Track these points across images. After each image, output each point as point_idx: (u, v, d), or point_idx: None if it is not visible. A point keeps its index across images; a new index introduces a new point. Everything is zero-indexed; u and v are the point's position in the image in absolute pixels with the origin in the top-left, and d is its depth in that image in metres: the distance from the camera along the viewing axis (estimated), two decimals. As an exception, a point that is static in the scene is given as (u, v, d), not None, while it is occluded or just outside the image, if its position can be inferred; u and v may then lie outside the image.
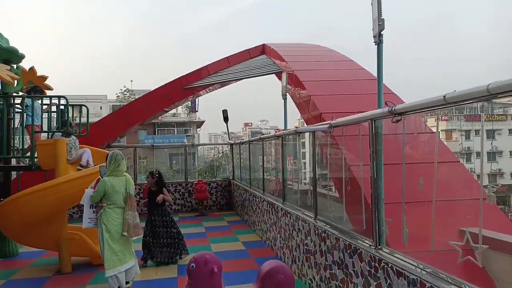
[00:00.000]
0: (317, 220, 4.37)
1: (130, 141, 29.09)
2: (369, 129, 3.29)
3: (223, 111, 11.18)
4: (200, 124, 42.61)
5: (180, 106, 33.54)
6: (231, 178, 11.46)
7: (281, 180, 6.31)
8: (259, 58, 11.75)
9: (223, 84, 12.10)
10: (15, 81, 6.33)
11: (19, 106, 6.55)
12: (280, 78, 10.42)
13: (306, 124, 7.46)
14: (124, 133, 11.29)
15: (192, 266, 2.98)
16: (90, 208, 4.65)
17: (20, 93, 6.65)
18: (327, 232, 3.92)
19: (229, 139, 12.74)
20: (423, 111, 2.73)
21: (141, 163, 13.15)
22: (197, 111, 40.86)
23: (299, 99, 7.83)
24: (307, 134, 5.64)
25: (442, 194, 3.08)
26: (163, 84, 11.04)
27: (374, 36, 3.62)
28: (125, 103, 36.59)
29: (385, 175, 3.28)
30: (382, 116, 3.11)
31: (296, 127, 5.52)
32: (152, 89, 11.42)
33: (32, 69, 6.81)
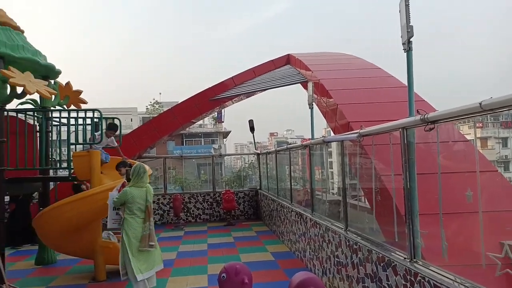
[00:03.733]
0: (347, 232, 4.30)
1: (159, 151, 29.68)
2: (400, 138, 3.24)
3: (249, 121, 11.27)
4: (226, 134, 43.05)
5: (207, 117, 34.05)
6: (258, 188, 11.47)
7: (309, 190, 6.27)
8: (284, 68, 11.80)
9: (248, 95, 12.21)
10: (53, 96, 6.65)
11: (56, 119, 6.87)
12: (305, 87, 10.41)
13: (333, 133, 7.40)
14: (154, 144, 11.56)
15: (223, 276, 3.00)
16: (114, 209, 4.93)
17: (57, 107, 6.98)
18: (358, 244, 3.85)
19: (256, 149, 12.80)
20: (457, 119, 2.66)
21: (170, 173, 13.41)
22: (223, 122, 41.33)
23: (325, 108, 7.79)
24: (334, 143, 5.61)
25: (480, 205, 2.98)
26: (190, 96, 11.27)
27: (403, 44, 3.58)
28: (154, 115, 37.54)
29: (418, 185, 3.20)
30: (414, 124, 3.05)
31: (324, 136, 5.50)
32: (180, 101, 11.71)
33: (68, 84, 7.13)
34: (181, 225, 10.12)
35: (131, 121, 41.32)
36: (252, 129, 11.21)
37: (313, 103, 6.12)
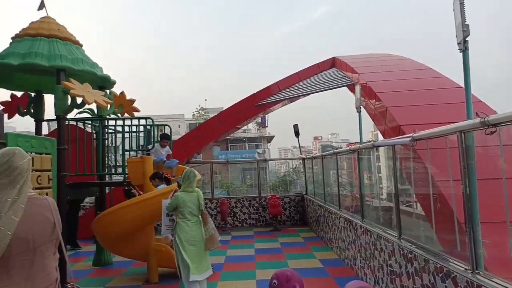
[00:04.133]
0: (401, 240, 4.13)
1: (205, 157, 30.41)
2: (458, 142, 3.07)
3: (294, 125, 11.23)
4: (270, 139, 43.18)
5: (251, 122, 34.41)
6: (304, 193, 11.37)
7: (358, 196, 6.11)
8: (329, 71, 11.65)
9: (292, 99, 12.18)
10: (108, 105, 7.05)
11: (112, 127, 7.26)
12: (352, 90, 10.21)
13: (383, 136, 7.16)
14: (201, 149, 11.86)
15: (274, 283, 2.98)
16: (167, 216, 5.12)
17: (112, 116, 7.38)
18: (413, 252, 3.69)
19: (301, 154, 12.71)
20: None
21: (215, 178, 13.67)
22: (266, 126, 41.53)
23: (374, 111, 7.57)
24: (382, 147, 5.42)
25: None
26: (236, 102, 11.44)
27: (458, 43, 3.41)
28: (200, 121, 38.54)
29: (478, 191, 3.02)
30: (473, 127, 2.89)
31: (373, 140, 5.34)
32: (225, 107, 11.94)
33: (122, 93, 7.53)
34: (228, 230, 10.25)
35: (179, 127, 42.70)
36: (297, 133, 11.16)
37: (361, 106, 5.98)
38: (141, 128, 7.34)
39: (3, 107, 7.01)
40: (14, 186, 1.91)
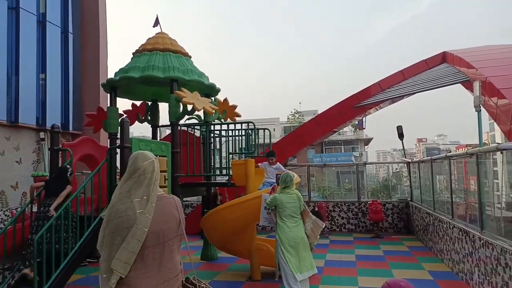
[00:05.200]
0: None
1: (300, 159, 30.46)
2: None
3: (397, 127, 10.58)
4: (367, 141, 41.38)
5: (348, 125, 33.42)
6: (409, 199, 10.63)
7: (475, 204, 5.49)
8: (438, 67, 10.69)
9: (394, 100, 11.49)
10: (214, 111, 7.54)
11: (217, 132, 7.76)
12: (467, 87, 9.24)
13: (507, 137, 6.31)
14: (298, 153, 11.93)
15: (385, 292, 2.85)
16: (265, 209, 5.40)
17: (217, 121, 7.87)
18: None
19: (405, 157, 11.91)
20: None
21: (311, 181, 13.60)
22: (364, 128, 39.85)
23: (495, 110, 6.73)
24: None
25: None
26: (334, 104, 11.24)
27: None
28: (295, 125, 38.80)
29: None
30: None
31: (495, 142, 4.74)
32: (320, 110, 11.83)
33: (225, 100, 7.97)
34: (326, 234, 10.11)
35: (274, 130, 43.63)
36: (401, 135, 10.49)
37: (480, 104, 5.36)
38: (243, 132, 7.69)
39: (126, 115, 7.97)
40: (140, 186, 2.15)
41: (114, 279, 2.01)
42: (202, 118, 8.29)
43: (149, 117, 8.37)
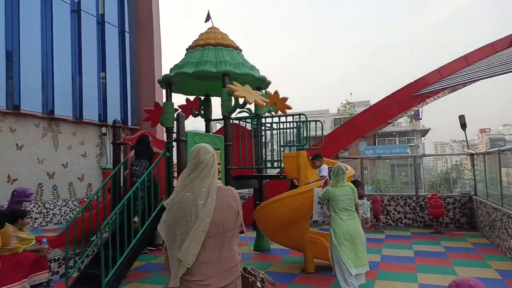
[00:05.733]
0: None
1: (351, 152, 29.67)
2: None
3: (460, 117, 9.91)
4: (424, 132, 39.27)
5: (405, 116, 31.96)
6: (472, 193, 9.96)
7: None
8: (506, 51, 9.83)
9: (454, 88, 10.74)
10: (265, 104, 7.55)
11: (268, 125, 7.77)
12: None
13: None
14: (351, 144, 11.61)
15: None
16: (318, 204, 5.36)
17: (267, 114, 7.87)
18: None
19: (468, 148, 11.15)
20: None
21: (365, 174, 13.19)
22: (420, 119, 37.87)
23: None
24: None
25: None
26: (390, 93, 10.75)
27: None
28: (346, 116, 37.84)
29: None
30: None
31: None
32: (371, 100, 11.37)
33: (276, 92, 7.94)
34: (381, 228, 9.79)
35: (324, 122, 42.82)
36: (463, 125, 9.82)
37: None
38: (294, 124, 7.63)
39: (181, 109, 8.23)
40: (203, 178, 2.21)
41: (182, 270, 2.08)
42: (253, 111, 8.33)
43: (202, 111, 8.59)
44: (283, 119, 7.51)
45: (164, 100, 7.78)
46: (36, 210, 11.13)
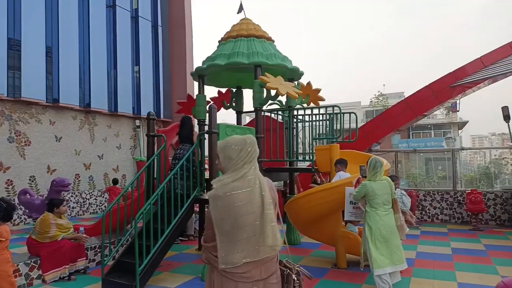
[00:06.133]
0: None
1: (384, 145, 28.94)
2: None
3: (503, 108, 9.37)
4: (462, 125, 37.65)
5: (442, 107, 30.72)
6: (515, 189, 9.45)
7: None
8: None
9: (496, 78, 10.12)
10: (297, 96, 7.43)
11: (300, 117, 7.65)
12: None
13: None
14: (385, 138, 11.28)
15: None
16: (350, 204, 5.19)
17: (298, 106, 7.75)
18: None
19: (511, 142, 10.56)
20: None
21: (397, 168, 12.79)
22: (458, 111, 36.28)
23: None
24: None
25: None
26: (427, 84, 10.32)
27: None
28: (379, 108, 36.87)
29: None
30: None
31: None
32: (405, 91, 10.94)
33: (309, 83, 7.79)
34: (416, 224, 9.48)
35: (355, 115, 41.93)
36: (506, 117, 9.27)
37: None
38: (326, 116, 7.47)
39: (213, 102, 8.26)
40: (247, 167, 2.21)
41: (231, 264, 2.11)
42: (284, 103, 8.24)
43: (234, 104, 8.59)
44: (315, 111, 7.37)
45: (196, 93, 7.83)
46: (73, 200, 11.60)
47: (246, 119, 15.21)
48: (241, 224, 2.10)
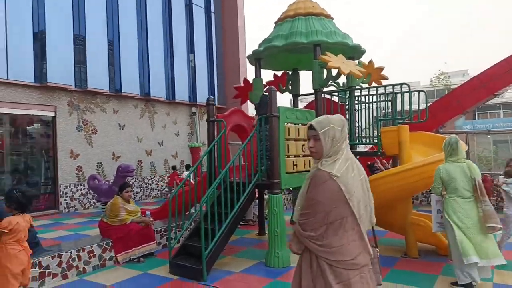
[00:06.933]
0: None
1: (446, 128, 27.06)
2: None
3: None
4: (537, 104, 34.15)
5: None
6: None
7: None
8: None
9: None
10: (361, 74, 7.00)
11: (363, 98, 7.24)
12: None
13: None
14: (454, 119, 10.41)
15: None
16: (438, 212, 4.69)
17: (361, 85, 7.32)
18: None
19: None
20: None
21: (468, 151, 11.80)
22: (532, 88, 32.90)
23: None
24: None
25: None
26: (502, 58, 9.29)
27: None
28: (440, 88, 34.50)
29: None
30: None
31: None
32: (470, 69, 9.90)
33: (370, 62, 7.32)
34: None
35: (414, 96, 39.60)
36: None
37: None
38: (390, 97, 6.98)
39: (269, 85, 8.08)
40: (347, 146, 2.20)
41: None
42: (342, 84, 7.85)
43: (290, 87, 8.35)
44: (381, 90, 6.91)
45: (249, 78, 7.70)
46: (137, 185, 12.14)
47: (300, 104, 14.88)
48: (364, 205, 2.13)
